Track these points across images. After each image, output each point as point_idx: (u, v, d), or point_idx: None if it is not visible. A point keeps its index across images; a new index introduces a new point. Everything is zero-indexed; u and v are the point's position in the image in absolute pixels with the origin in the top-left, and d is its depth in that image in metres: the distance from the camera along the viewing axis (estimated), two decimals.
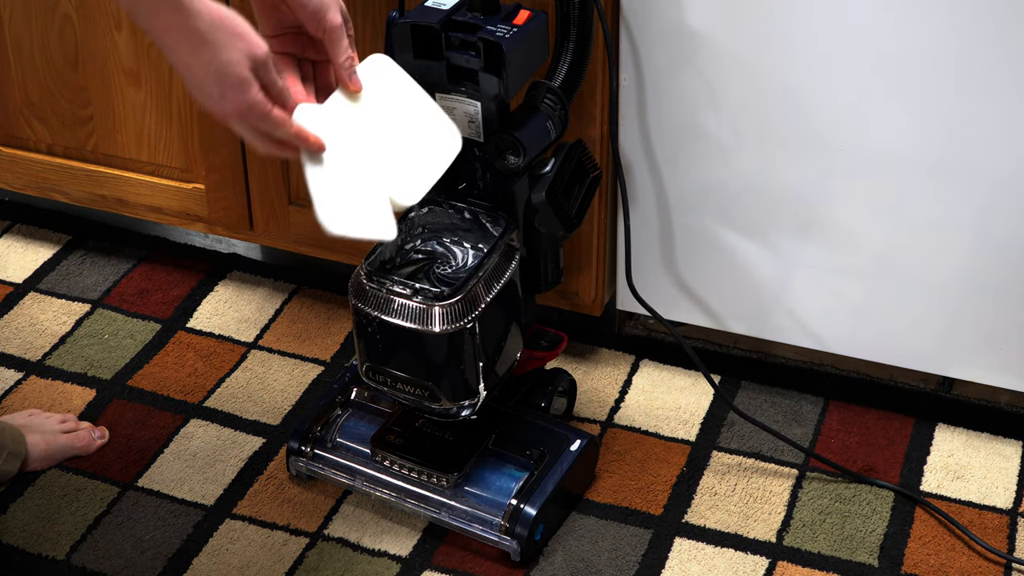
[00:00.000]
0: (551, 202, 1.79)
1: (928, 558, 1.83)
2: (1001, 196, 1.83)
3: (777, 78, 1.85)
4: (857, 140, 1.85)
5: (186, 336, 2.20)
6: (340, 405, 1.96)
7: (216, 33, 1.41)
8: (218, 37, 1.41)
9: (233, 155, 2.13)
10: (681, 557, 1.84)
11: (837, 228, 1.93)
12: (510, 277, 1.75)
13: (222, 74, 1.42)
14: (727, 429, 2.02)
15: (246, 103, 1.43)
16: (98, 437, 1.99)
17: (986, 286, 1.90)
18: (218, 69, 1.41)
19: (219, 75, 1.42)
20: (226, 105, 1.44)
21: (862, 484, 1.93)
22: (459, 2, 1.72)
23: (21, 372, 2.13)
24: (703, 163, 1.95)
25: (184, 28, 1.40)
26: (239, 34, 1.42)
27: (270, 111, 1.45)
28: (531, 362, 1.93)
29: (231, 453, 2.00)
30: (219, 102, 1.44)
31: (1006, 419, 2.02)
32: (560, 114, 1.77)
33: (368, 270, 1.72)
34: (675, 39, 1.87)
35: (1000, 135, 1.79)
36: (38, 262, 2.35)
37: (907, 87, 1.79)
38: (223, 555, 1.84)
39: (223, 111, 1.45)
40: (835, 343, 2.03)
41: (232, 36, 1.42)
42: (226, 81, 1.42)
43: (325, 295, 2.27)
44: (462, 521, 1.83)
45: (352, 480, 1.89)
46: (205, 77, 1.42)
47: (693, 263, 2.04)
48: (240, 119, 1.45)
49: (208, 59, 1.41)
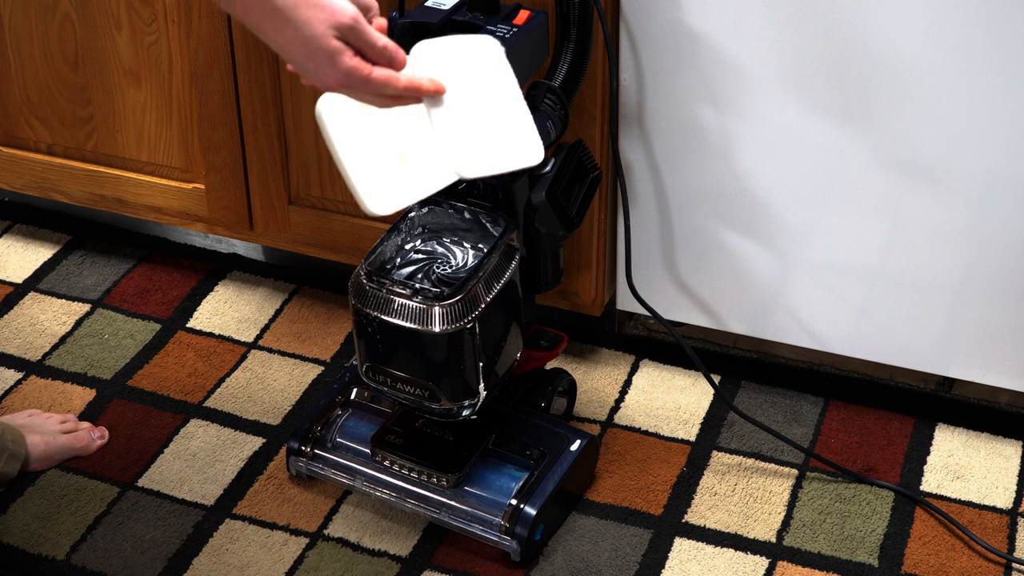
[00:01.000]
0: (551, 202, 1.79)
1: (928, 558, 1.83)
2: (1001, 196, 1.83)
3: (777, 78, 1.85)
4: (857, 140, 1.85)
5: (186, 336, 2.20)
6: (340, 405, 1.96)
7: (296, 9, 1.39)
8: (297, 13, 1.39)
9: (233, 155, 2.13)
10: (681, 557, 1.84)
11: (837, 228, 1.93)
12: (510, 277, 1.75)
13: (311, 49, 1.39)
14: (727, 429, 2.02)
15: (342, 72, 1.40)
16: (98, 437, 1.99)
17: (986, 286, 1.90)
18: (305, 44, 1.39)
19: (308, 50, 1.39)
20: (324, 78, 1.41)
21: (862, 484, 1.93)
22: (459, 2, 1.72)
23: (21, 372, 2.13)
24: (703, 163, 1.95)
25: (263, 9, 1.38)
26: (317, 4, 1.39)
27: (369, 74, 1.41)
28: (531, 362, 1.93)
29: (231, 453, 2.00)
30: (317, 76, 1.41)
31: (1006, 419, 2.02)
32: (560, 114, 1.77)
33: (368, 270, 1.72)
34: (675, 39, 1.87)
35: (1000, 135, 1.79)
36: (38, 262, 2.35)
37: (907, 87, 1.79)
38: (223, 555, 1.84)
39: (325, 84, 1.42)
40: (835, 343, 2.03)
41: (311, 8, 1.39)
42: (317, 55, 1.40)
43: (325, 295, 2.27)
44: (462, 521, 1.83)
45: (352, 480, 1.89)
46: (296, 54, 1.40)
47: (693, 263, 2.04)
48: (343, 88, 1.42)
49: (293, 36, 1.39)
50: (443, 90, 1.48)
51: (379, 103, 1.45)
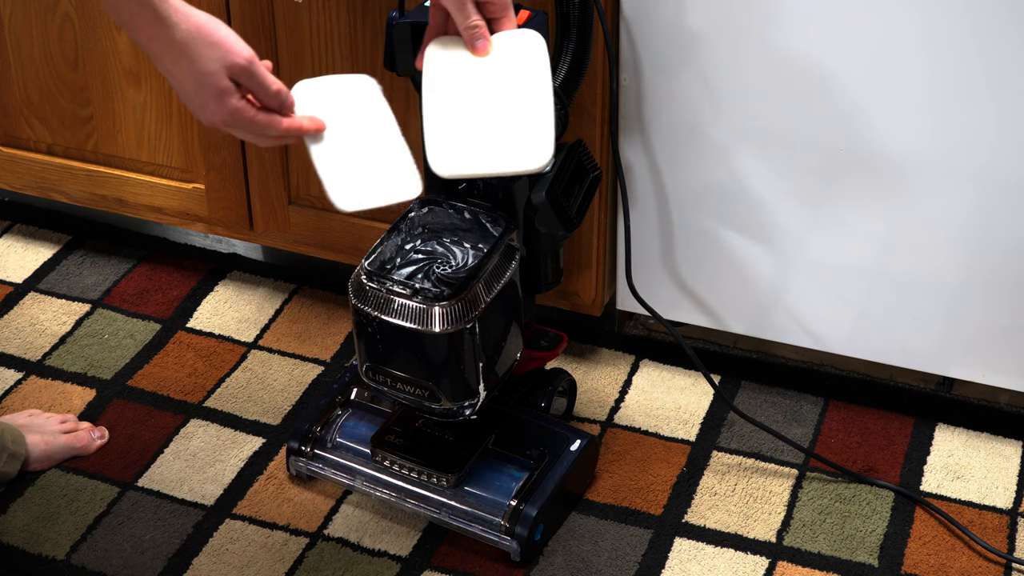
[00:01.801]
0: (551, 202, 1.79)
1: (928, 558, 1.83)
2: (1001, 196, 1.83)
3: (777, 78, 1.85)
4: (857, 140, 1.85)
5: (186, 336, 2.20)
6: (340, 405, 1.96)
7: (193, 44, 1.42)
8: (195, 48, 1.42)
9: (233, 155, 2.13)
10: (681, 557, 1.84)
11: (837, 228, 1.93)
12: (510, 277, 1.75)
13: (202, 85, 1.43)
14: (727, 429, 2.02)
15: (227, 111, 1.44)
16: (98, 437, 1.99)
17: (986, 286, 1.90)
18: (197, 80, 1.43)
19: (199, 86, 1.43)
20: (210, 115, 1.45)
21: (862, 484, 1.93)
22: None
23: (21, 372, 2.13)
24: (703, 163, 1.95)
25: (164, 39, 1.41)
26: (215, 43, 1.43)
27: (253, 116, 1.46)
28: (531, 362, 1.93)
29: (231, 453, 2.00)
30: (203, 111, 1.45)
31: (1006, 419, 2.02)
32: (560, 114, 1.77)
33: (368, 270, 1.72)
34: (675, 39, 1.87)
35: (1000, 135, 1.79)
36: (38, 262, 2.35)
37: (907, 87, 1.79)
38: (223, 555, 1.84)
39: (210, 120, 1.46)
40: (835, 343, 2.03)
41: (209, 46, 1.43)
42: (205, 92, 1.43)
43: (325, 295, 2.27)
44: (462, 521, 1.83)
45: (352, 480, 1.89)
46: (187, 87, 1.44)
47: (693, 263, 2.04)
48: (226, 127, 1.46)
49: (187, 70, 1.42)
50: (323, 127, 1.53)
51: (262, 142, 1.50)
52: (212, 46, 1.43)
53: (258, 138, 1.50)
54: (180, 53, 1.42)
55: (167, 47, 1.42)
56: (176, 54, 1.42)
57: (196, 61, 1.43)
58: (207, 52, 1.43)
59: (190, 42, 1.42)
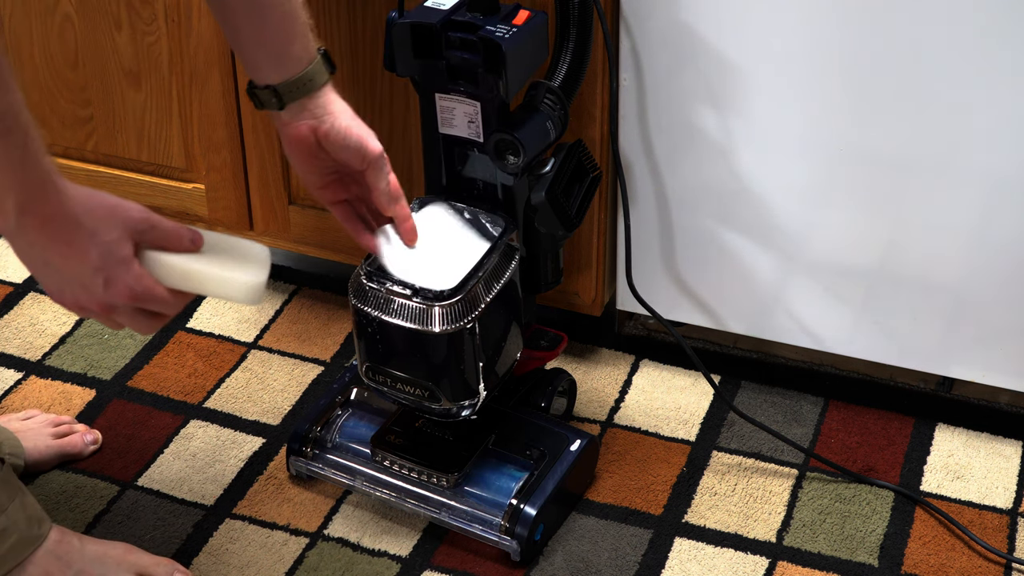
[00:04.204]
0: (551, 202, 1.79)
1: (928, 558, 1.83)
2: (1001, 196, 1.83)
3: (777, 77, 1.85)
4: (857, 140, 1.85)
5: (186, 336, 2.20)
6: (340, 405, 1.95)
7: (91, 215, 1.30)
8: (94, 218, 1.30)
9: (233, 155, 2.13)
10: (681, 557, 1.84)
11: (837, 228, 1.93)
12: (510, 277, 1.75)
13: (108, 255, 1.31)
14: (727, 429, 2.02)
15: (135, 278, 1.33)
16: (90, 442, 1.98)
17: (986, 286, 1.90)
18: (101, 252, 1.31)
19: (105, 259, 1.31)
20: (113, 291, 1.33)
21: (862, 484, 1.93)
22: (459, 2, 1.72)
23: (21, 372, 2.13)
24: (703, 163, 1.95)
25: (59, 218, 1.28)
26: (112, 207, 1.32)
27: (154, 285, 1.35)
28: (531, 362, 1.93)
29: (231, 453, 2.00)
30: (105, 291, 1.33)
31: (1006, 419, 2.02)
32: (560, 114, 1.77)
33: (368, 270, 1.72)
34: (675, 39, 1.87)
35: (1000, 135, 1.79)
36: None
37: (907, 86, 1.79)
38: (223, 555, 1.84)
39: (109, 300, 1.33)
40: (835, 343, 2.03)
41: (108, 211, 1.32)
42: (112, 264, 1.32)
43: (325, 295, 2.27)
44: (462, 521, 1.83)
45: (352, 480, 1.89)
46: (84, 269, 1.31)
47: (693, 263, 2.04)
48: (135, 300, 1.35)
49: (87, 246, 1.30)
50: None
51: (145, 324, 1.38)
52: (110, 211, 1.32)
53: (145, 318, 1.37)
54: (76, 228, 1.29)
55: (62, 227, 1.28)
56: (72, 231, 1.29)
57: (100, 231, 1.30)
58: (109, 218, 1.31)
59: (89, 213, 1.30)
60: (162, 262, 1.39)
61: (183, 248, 1.38)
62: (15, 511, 1.67)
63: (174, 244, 1.37)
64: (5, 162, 1.24)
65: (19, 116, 1.24)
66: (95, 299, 1.33)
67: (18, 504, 1.67)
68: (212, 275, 1.43)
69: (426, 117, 1.78)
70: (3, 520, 1.65)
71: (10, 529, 1.66)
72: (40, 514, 1.71)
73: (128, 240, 1.33)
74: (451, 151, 1.80)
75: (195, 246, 1.40)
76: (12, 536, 1.66)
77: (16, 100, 1.23)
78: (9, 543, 1.66)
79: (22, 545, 1.68)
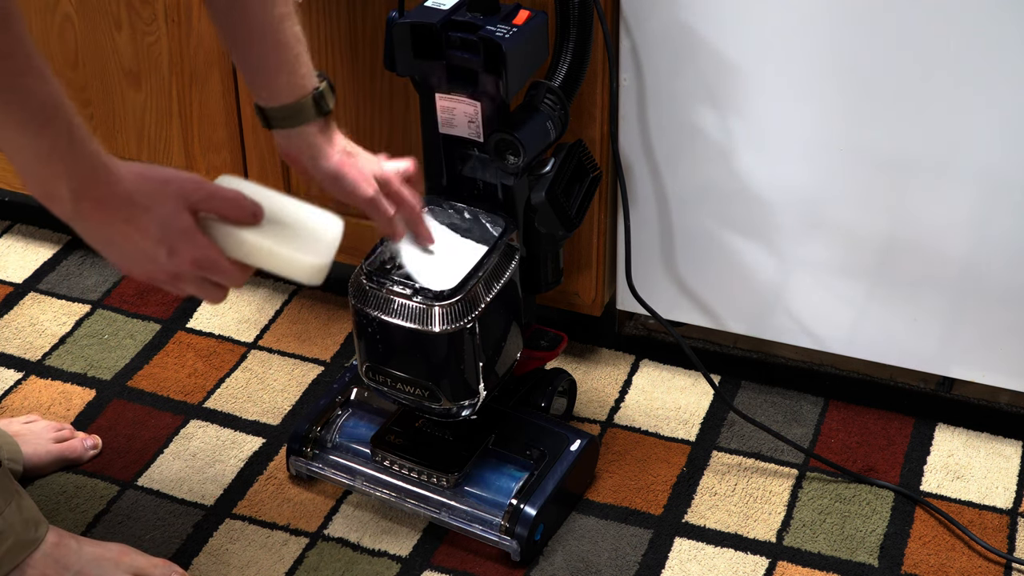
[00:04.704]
0: (551, 202, 1.79)
1: (928, 558, 1.83)
2: (1001, 196, 1.83)
3: (777, 78, 1.85)
4: (857, 140, 1.85)
5: (186, 336, 2.20)
6: (340, 405, 1.95)
7: (142, 191, 1.30)
8: (145, 194, 1.30)
9: (233, 155, 2.13)
10: (681, 557, 1.84)
11: (837, 228, 1.93)
12: (510, 277, 1.75)
13: (168, 229, 1.31)
14: (727, 429, 2.02)
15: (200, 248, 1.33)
16: (90, 447, 1.98)
17: (986, 286, 1.90)
18: (160, 225, 1.31)
19: (165, 231, 1.31)
20: (178, 260, 1.33)
21: (862, 484, 1.93)
22: (459, 2, 1.72)
23: (21, 372, 2.13)
24: (703, 163, 1.95)
25: (113, 198, 1.29)
26: (164, 180, 1.32)
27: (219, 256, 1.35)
28: (531, 362, 1.93)
29: (231, 453, 2.00)
30: (169, 260, 1.33)
31: (1006, 419, 2.02)
32: (560, 114, 1.77)
33: (368, 270, 1.72)
34: (675, 39, 1.87)
35: (1000, 135, 1.79)
36: (38, 262, 2.35)
37: (907, 86, 1.79)
38: (223, 555, 1.84)
39: (175, 268, 1.34)
40: (835, 343, 2.03)
41: (160, 185, 1.32)
42: (171, 233, 1.32)
43: (325, 295, 2.27)
44: (462, 521, 1.83)
45: (352, 480, 1.89)
46: (146, 242, 1.31)
47: (693, 263, 2.04)
48: (193, 270, 1.35)
49: (145, 221, 1.30)
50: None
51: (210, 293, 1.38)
52: (162, 184, 1.31)
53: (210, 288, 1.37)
54: (130, 205, 1.29)
55: (117, 207, 1.29)
56: (127, 208, 1.29)
57: (156, 205, 1.30)
58: (162, 190, 1.31)
59: (138, 189, 1.30)
60: (226, 233, 1.38)
61: (244, 220, 1.37)
62: (11, 514, 1.66)
63: (235, 214, 1.36)
64: (53, 151, 1.25)
65: (60, 104, 1.25)
66: (161, 269, 1.34)
67: (14, 507, 1.67)
68: (277, 253, 1.40)
69: (426, 117, 1.78)
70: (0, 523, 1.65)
71: (6, 532, 1.66)
72: (37, 517, 1.71)
73: (185, 210, 1.32)
74: (451, 151, 1.80)
75: (256, 219, 1.38)
76: (9, 539, 1.66)
77: (55, 89, 1.24)
78: (6, 546, 1.66)
79: (19, 548, 1.68)
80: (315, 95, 1.56)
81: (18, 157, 1.26)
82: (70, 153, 1.26)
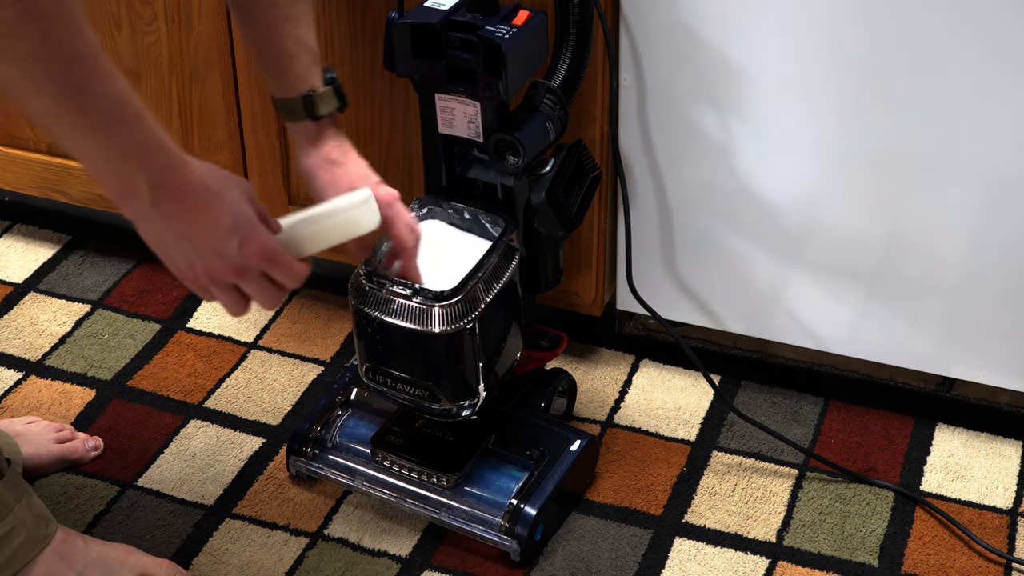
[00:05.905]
0: (551, 202, 1.79)
1: (928, 558, 1.83)
2: (1001, 196, 1.83)
3: (777, 78, 1.85)
4: (857, 140, 1.85)
5: (186, 336, 2.20)
6: (340, 405, 1.96)
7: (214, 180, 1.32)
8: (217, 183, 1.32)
9: (233, 156, 2.13)
10: (681, 557, 1.84)
11: (837, 228, 1.93)
12: (510, 277, 1.75)
13: (237, 216, 1.32)
14: (727, 429, 2.02)
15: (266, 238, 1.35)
16: (92, 448, 1.98)
17: (986, 286, 1.90)
18: (233, 213, 1.32)
19: (236, 218, 1.32)
20: (247, 251, 1.34)
21: (862, 484, 1.93)
22: (459, 2, 1.72)
23: (21, 372, 2.13)
24: (703, 163, 1.95)
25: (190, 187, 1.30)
26: (226, 173, 1.34)
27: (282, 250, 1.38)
28: (531, 362, 1.93)
29: (231, 453, 2.00)
30: (239, 252, 1.34)
31: (1006, 419, 2.02)
32: (560, 114, 1.77)
33: (368, 270, 1.72)
34: (675, 39, 1.87)
35: (1000, 135, 1.79)
36: (38, 262, 2.35)
37: (907, 86, 1.79)
38: (223, 555, 1.84)
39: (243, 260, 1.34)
40: (835, 343, 2.03)
41: (225, 176, 1.33)
42: (242, 221, 1.33)
43: (325, 295, 2.27)
44: (462, 521, 1.83)
45: (352, 480, 1.89)
46: (220, 231, 1.32)
47: (693, 263, 2.04)
48: (260, 262, 1.36)
49: (219, 210, 1.31)
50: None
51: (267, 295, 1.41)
52: (226, 176, 1.33)
53: (266, 286, 1.39)
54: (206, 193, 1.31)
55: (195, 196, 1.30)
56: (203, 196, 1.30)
57: (224, 194, 1.31)
58: (229, 182, 1.33)
59: (210, 178, 1.31)
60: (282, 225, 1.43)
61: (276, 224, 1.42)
62: (22, 511, 1.67)
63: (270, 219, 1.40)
64: (129, 147, 1.26)
65: (131, 101, 1.26)
66: (229, 264, 1.34)
67: (24, 504, 1.67)
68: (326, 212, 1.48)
69: (426, 117, 1.78)
70: (11, 520, 1.65)
71: (18, 528, 1.66)
72: (47, 514, 1.71)
73: (248, 203, 1.35)
74: (451, 151, 1.80)
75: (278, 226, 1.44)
76: (20, 535, 1.67)
77: (124, 87, 1.25)
78: (18, 542, 1.67)
79: (30, 544, 1.68)
80: (305, 98, 1.61)
81: (91, 158, 1.27)
82: (146, 148, 1.28)
